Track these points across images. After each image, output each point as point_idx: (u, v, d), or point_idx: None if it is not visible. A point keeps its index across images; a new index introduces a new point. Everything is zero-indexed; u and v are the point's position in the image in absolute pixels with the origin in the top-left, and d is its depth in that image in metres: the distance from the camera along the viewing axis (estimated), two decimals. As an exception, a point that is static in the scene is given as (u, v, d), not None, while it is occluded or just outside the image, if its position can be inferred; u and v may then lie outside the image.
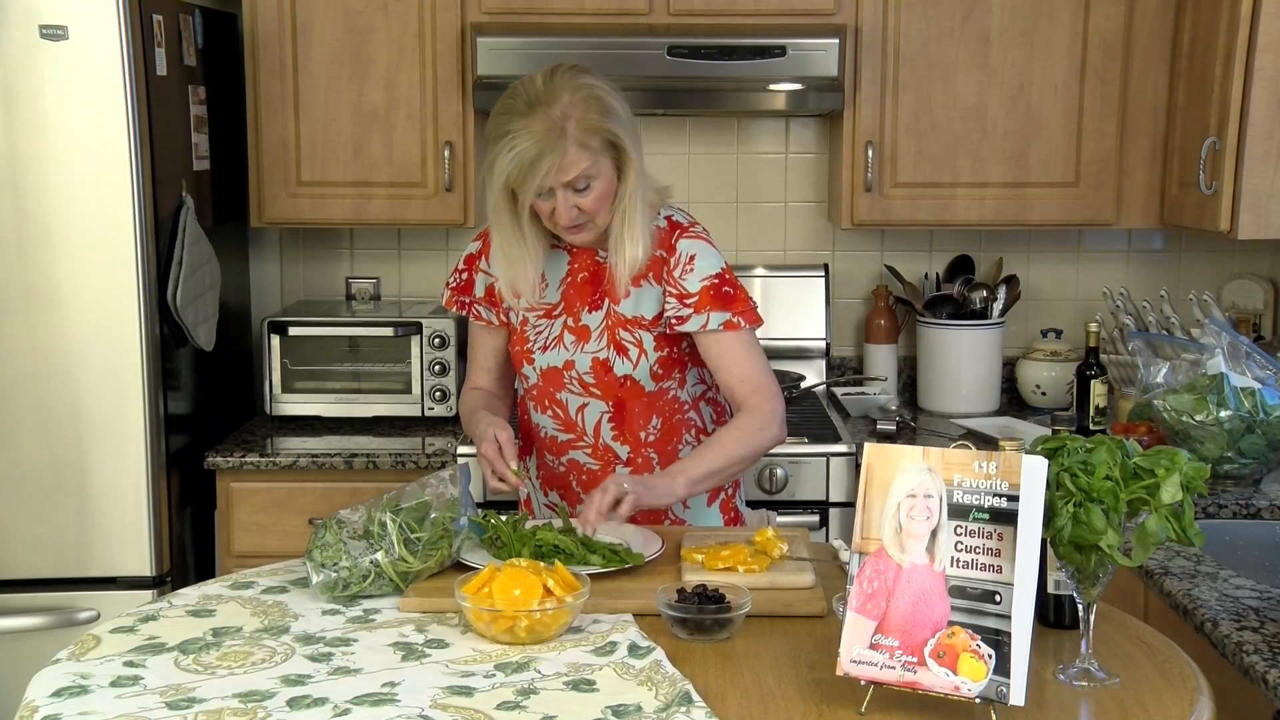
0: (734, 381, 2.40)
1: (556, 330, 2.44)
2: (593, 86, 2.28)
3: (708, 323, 2.38)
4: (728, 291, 2.40)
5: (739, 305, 2.40)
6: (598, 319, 2.42)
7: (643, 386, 2.43)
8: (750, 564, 2.02)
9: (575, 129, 2.23)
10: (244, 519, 3.20)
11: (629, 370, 2.41)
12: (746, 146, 3.79)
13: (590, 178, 2.27)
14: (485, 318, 2.52)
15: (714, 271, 2.40)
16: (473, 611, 1.80)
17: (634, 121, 2.34)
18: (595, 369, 2.42)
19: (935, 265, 3.77)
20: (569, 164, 2.24)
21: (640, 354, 2.41)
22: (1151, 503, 1.62)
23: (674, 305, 2.39)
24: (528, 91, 2.26)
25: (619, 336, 2.41)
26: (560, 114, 2.23)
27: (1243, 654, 1.88)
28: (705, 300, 2.38)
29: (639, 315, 2.41)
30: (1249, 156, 2.93)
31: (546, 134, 2.21)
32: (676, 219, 2.46)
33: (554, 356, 2.44)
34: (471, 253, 2.54)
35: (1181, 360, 2.94)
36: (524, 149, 2.22)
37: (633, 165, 2.31)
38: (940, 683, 1.54)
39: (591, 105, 2.25)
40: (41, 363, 2.92)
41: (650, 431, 2.46)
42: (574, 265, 2.45)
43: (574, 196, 2.28)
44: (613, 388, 2.43)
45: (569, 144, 2.23)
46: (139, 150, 2.90)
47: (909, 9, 3.33)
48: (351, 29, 3.35)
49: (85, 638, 1.82)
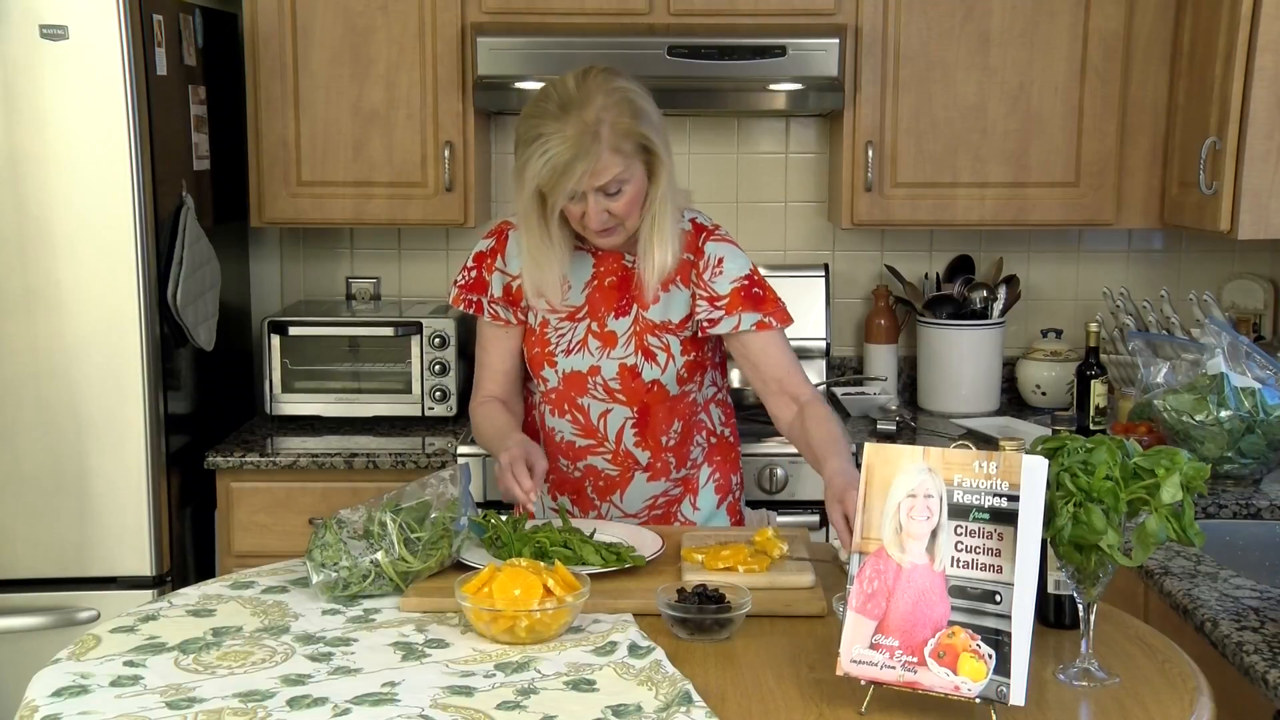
0: (776, 378, 2.40)
1: (580, 334, 2.42)
2: (626, 90, 2.25)
3: (739, 324, 2.38)
4: (757, 293, 2.40)
5: (769, 305, 2.40)
6: (625, 325, 2.41)
7: (668, 390, 2.43)
8: (750, 564, 2.03)
9: (609, 133, 2.21)
10: (244, 519, 3.20)
11: (657, 375, 2.41)
12: (747, 146, 3.79)
13: (623, 182, 2.25)
14: (504, 317, 2.47)
15: (743, 273, 2.40)
16: (473, 611, 1.80)
17: (664, 125, 2.32)
18: (622, 375, 2.41)
19: (935, 265, 3.77)
20: (603, 168, 2.22)
21: (668, 359, 2.41)
22: (1151, 503, 1.62)
23: (705, 308, 2.39)
24: (560, 94, 2.23)
25: (647, 342, 2.40)
26: (594, 117, 2.20)
27: (1243, 654, 1.88)
28: (736, 302, 2.38)
29: (667, 320, 2.41)
30: (1249, 156, 2.93)
31: (580, 138, 2.19)
32: (700, 221, 2.45)
33: (578, 361, 2.42)
34: (482, 250, 2.50)
35: (1181, 360, 2.94)
36: (557, 153, 2.19)
37: (664, 169, 2.29)
38: (940, 683, 1.55)
39: (625, 109, 2.23)
40: (42, 363, 2.92)
41: (671, 436, 2.46)
42: (599, 269, 2.43)
43: (605, 200, 2.26)
44: (639, 393, 2.42)
45: (603, 148, 2.20)
46: (139, 150, 2.90)
47: (909, 9, 3.33)
48: (352, 29, 3.35)
49: (85, 637, 1.83)
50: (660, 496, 2.48)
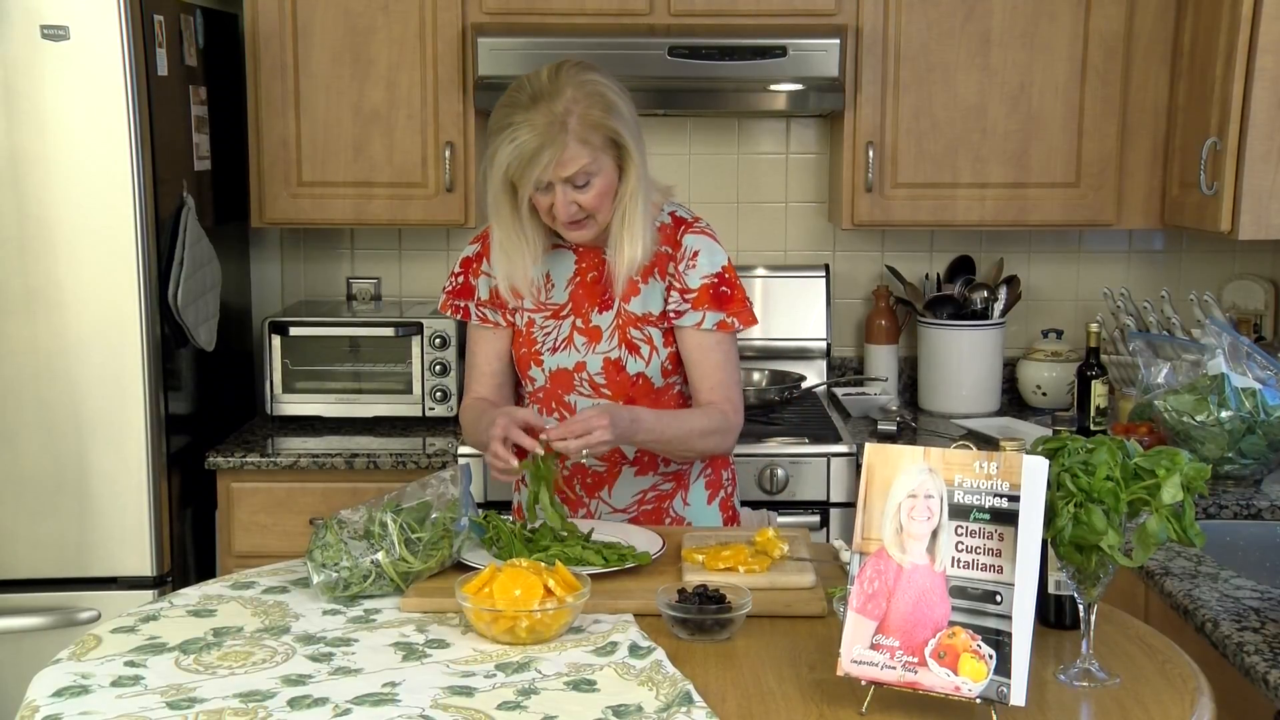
0: (708, 385, 2.42)
1: (565, 331, 2.44)
2: (597, 83, 2.28)
3: (702, 321, 2.39)
4: (725, 291, 2.40)
5: (735, 305, 2.41)
6: (608, 319, 2.42)
7: (653, 383, 2.43)
8: (751, 564, 2.03)
9: (577, 124, 2.23)
10: (244, 519, 3.20)
11: (641, 368, 2.41)
12: (747, 147, 3.79)
13: (590, 174, 2.27)
14: (491, 319, 2.49)
15: (714, 270, 2.41)
16: (473, 611, 1.80)
17: (638, 121, 2.34)
18: (607, 369, 2.42)
19: (936, 266, 3.77)
20: (568, 159, 2.24)
21: (651, 351, 2.41)
22: (1152, 503, 1.62)
23: (675, 299, 2.41)
24: (532, 85, 2.26)
25: (630, 335, 2.41)
26: (563, 109, 2.23)
27: (1243, 654, 1.88)
28: (703, 298, 2.39)
29: (648, 312, 2.42)
30: (1249, 157, 2.93)
31: (548, 128, 2.22)
32: (681, 214, 2.46)
33: (564, 358, 2.43)
34: (469, 255, 2.52)
35: (1182, 361, 2.94)
36: (524, 141, 2.22)
37: (634, 164, 2.31)
38: (941, 683, 1.54)
39: (595, 102, 2.26)
40: (42, 363, 2.92)
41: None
42: (581, 265, 2.44)
43: (573, 193, 2.28)
44: (624, 387, 2.42)
45: (569, 139, 2.23)
46: (140, 150, 2.90)
47: (909, 9, 3.33)
48: (352, 29, 3.35)
49: (86, 638, 1.82)
50: (649, 491, 2.48)
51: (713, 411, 2.40)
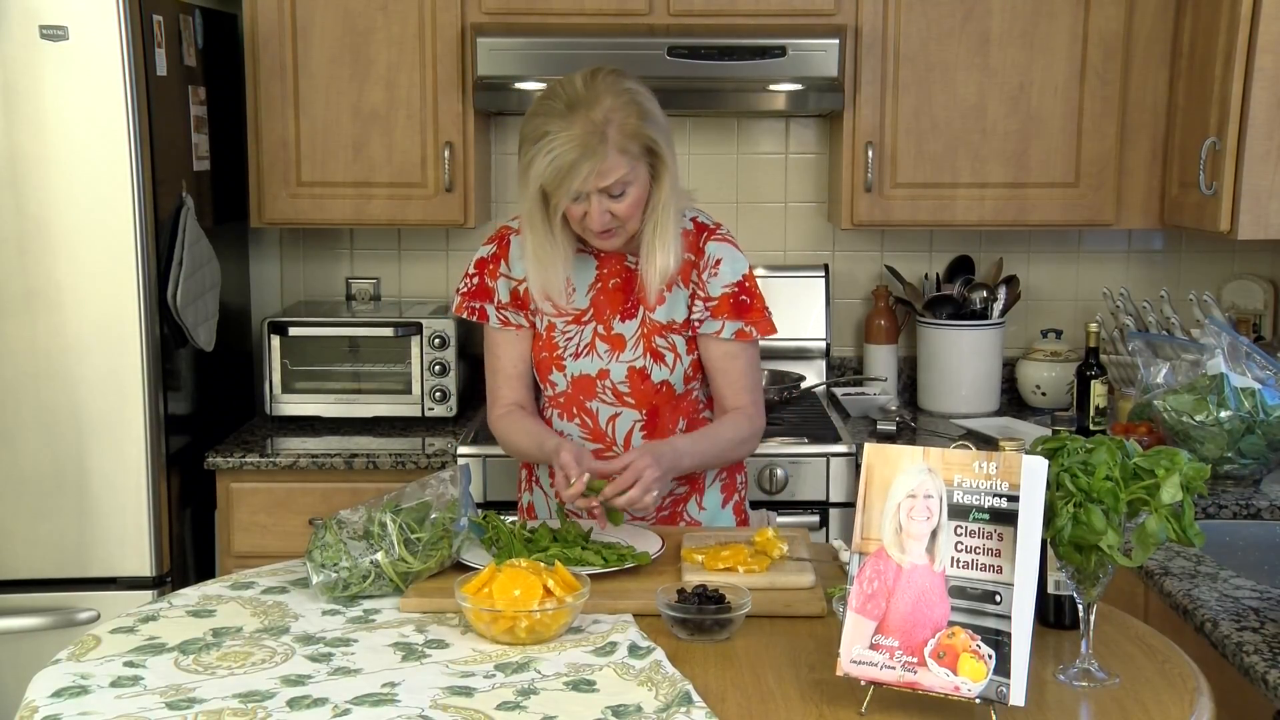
0: (732, 391, 2.43)
1: (588, 337, 2.42)
2: (634, 92, 2.25)
3: (722, 330, 2.39)
4: (745, 300, 2.40)
5: (754, 314, 2.41)
6: (632, 327, 2.41)
7: (675, 390, 2.43)
8: (750, 564, 2.03)
9: (616, 134, 2.21)
10: (244, 519, 3.20)
11: (666, 376, 2.41)
12: (747, 147, 3.79)
13: (627, 184, 2.25)
14: (514, 322, 2.46)
15: (735, 279, 2.41)
16: (473, 612, 1.80)
17: (670, 128, 2.32)
18: (631, 378, 2.41)
19: (935, 265, 3.77)
20: (608, 169, 2.21)
21: (676, 358, 2.41)
22: (1151, 503, 1.62)
23: (698, 307, 2.41)
24: (567, 93, 2.23)
25: (655, 344, 2.40)
26: (601, 118, 2.20)
27: (1243, 654, 1.88)
28: (724, 307, 2.39)
29: (672, 320, 2.41)
30: (1249, 157, 2.93)
31: (586, 138, 2.18)
32: (702, 220, 2.45)
33: (587, 364, 2.42)
34: (484, 256, 2.48)
35: (1181, 361, 2.94)
36: (562, 152, 2.18)
37: (668, 172, 2.29)
38: (940, 683, 1.55)
39: (633, 110, 2.23)
40: (41, 363, 2.92)
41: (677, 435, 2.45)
42: (603, 271, 2.43)
43: (608, 202, 2.25)
44: (648, 395, 2.42)
45: (609, 149, 2.20)
46: (139, 150, 2.90)
47: (909, 9, 3.33)
48: (351, 29, 3.35)
49: (85, 638, 1.83)
50: (666, 496, 2.48)
51: (739, 419, 2.42)
